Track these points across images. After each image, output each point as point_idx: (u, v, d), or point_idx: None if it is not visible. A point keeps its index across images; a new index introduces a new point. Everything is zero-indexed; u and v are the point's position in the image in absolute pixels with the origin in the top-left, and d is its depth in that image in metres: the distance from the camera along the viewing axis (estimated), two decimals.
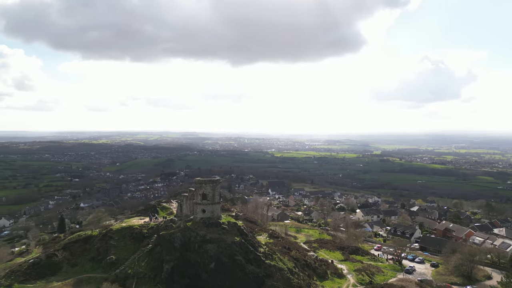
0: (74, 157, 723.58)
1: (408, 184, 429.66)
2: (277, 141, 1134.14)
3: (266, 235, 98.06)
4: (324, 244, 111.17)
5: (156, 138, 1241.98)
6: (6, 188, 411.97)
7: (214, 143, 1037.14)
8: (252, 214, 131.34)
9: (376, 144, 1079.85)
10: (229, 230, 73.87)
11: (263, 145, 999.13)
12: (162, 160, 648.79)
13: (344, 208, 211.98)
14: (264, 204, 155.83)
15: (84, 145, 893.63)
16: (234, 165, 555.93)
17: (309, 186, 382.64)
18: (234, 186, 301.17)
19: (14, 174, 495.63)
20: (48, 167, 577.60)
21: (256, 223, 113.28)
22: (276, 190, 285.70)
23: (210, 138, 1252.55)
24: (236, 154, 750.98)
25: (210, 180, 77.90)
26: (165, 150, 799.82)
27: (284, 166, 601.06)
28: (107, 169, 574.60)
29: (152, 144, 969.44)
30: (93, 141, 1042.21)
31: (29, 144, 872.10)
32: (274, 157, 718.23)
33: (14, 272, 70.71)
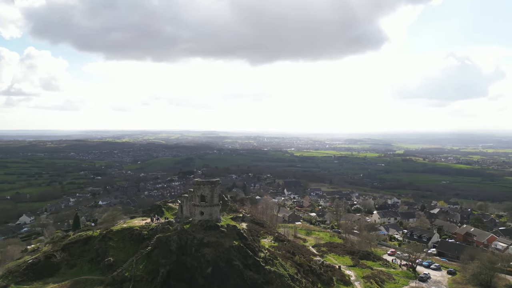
0: (98, 155, 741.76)
1: (431, 184, 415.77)
2: (296, 140, 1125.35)
3: (272, 238, 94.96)
4: (333, 248, 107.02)
5: (177, 137, 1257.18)
6: (32, 185, 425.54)
7: (233, 142, 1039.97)
8: (261, 215, 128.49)
9: (398, 144, 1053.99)
10: (228, 233, 71.28)
11: (282, 144, 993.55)
12: (182, 158, 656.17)
13: (361, 209, 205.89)
14: (274, 205, 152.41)
15: (107, 144, 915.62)
16: (252, 164, 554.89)
17: (328, 186, 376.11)
18: (250, 186, 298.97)
19: (40, 172, 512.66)
20: (73, 165, 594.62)
21: (263, 225, 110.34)
22: (292, 190, 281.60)
23: (230, 137, 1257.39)
24: (255, 153, 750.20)
25: (209, 181, 75.52)
26: (185, 149, 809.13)
27: (304, 165, 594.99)
28: (128, 167, 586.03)
29: (173, 143, 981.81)
30: (116, 139, 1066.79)
31: (56, 142, 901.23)
32: (294, 156, 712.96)
33: (12, 273, 70.60)
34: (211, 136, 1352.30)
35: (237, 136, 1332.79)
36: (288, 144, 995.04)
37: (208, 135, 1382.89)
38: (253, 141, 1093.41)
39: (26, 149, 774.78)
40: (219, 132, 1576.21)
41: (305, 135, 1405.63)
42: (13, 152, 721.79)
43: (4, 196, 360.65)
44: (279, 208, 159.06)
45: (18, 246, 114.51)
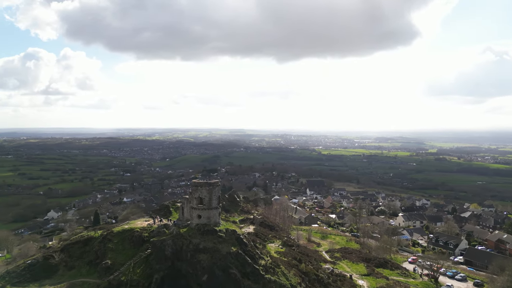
0: (129, 152, 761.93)
1: (465, 185, 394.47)
2: (324, 138, 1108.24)
3: (280, 242, 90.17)
4: (348, 254, 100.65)
5: (206, 135, 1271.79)
6: (65, 181, 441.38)
7: (260, 140, 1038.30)
8: (275, 217, 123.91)
9: (431, 142, 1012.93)
10: (226, 238, 67.40)
11: (310, 142, 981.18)
12: (209, 156, 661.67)
13: (385, 211, 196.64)
14: (290, 206, 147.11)
15: (138, 141, 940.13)
16: (278, 162, 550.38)
17: (354, 185, 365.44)
18: (271, 184, 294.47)
19: (73, 168, 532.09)
20: (105, 162, 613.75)
21: (274, 228, 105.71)
22: (315, 190, 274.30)
23: (257, 135, 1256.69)
24: (281, 151, 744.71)
25: (206, 183, 71.89)
26: (213, 147, 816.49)
27: (331, 164, 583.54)
28: (157, 164, 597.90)
29: (201, 140, 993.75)
30: (147, 137, 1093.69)
31: (90, 140, 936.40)
32: (321, 154, 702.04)
33: (9, 273, 70.37)
34: (239, 134, 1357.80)
35: (264, 134, 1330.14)
36: (315, 142, 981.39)
37: (235, 133, 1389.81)
38: (280, 139, 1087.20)
39: (62, 146, 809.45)
40: (246, 130, 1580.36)
41: (334, 133, 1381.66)
42: (50, 149, 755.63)
43: (38, 191, 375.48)
44: (295, 209, 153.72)
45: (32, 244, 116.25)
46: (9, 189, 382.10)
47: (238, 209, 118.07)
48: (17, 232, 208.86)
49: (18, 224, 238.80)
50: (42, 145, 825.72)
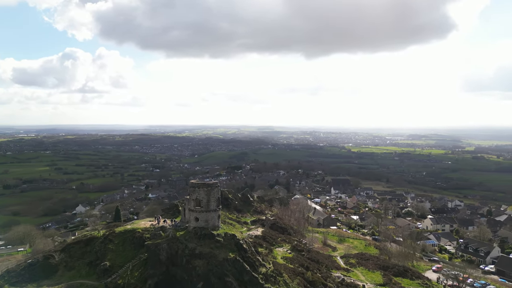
0: (160, 149, 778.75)
1: (504, 185, 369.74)
2: (355, 135, 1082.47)
3: (289, 247, 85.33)
4: (364, 260, 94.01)
5: (234, 131, 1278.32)
6: (97, 176, 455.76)
7: (289, 137, 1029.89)
8: (290, 218, 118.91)
9: (468, 140, 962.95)
10: (224, 243, 63.47)
11: (339, 139, 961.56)
12: (237, 153, 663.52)
13: (412, 213, 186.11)
14: (308, 206, 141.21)
15: (169, 138, 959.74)
16: (305, 159, 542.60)
17: (383, 185, 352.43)
18: (295, 183, 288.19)
19: (106, 164, 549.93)
20: (136, 158, 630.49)
21: (287, 230, 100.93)
22: (339, 189, 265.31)
23: (285, 132, 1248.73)
24: (310, 148, 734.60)
25: (204, 183, 68.04)
26: (241, 144, 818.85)
27: (361, 161, 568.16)
28: (186, 161, 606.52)
29: (230, 137, 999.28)
30: (177, 134, 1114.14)
31: (123, 136, 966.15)
32: (351, 152, 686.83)
33: (9, 273, 70.07)
34: (267, 131, 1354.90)
35: (293, 131, 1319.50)
36: (345, 139, 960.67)
37: (264, 130, 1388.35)
38: (309, 136, 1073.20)
39: (97, 142, 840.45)
40: (275, 127, 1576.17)
41: (364, 130, 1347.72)
42: (86, 145, 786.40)
43: (71, 186, 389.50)
44: (314, 210, 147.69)
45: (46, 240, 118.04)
46: (44, 184, 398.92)
47: (251, 209, 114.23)
48: (45, 226, 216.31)
49: (47, 218, 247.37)
50: (78, 141, 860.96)
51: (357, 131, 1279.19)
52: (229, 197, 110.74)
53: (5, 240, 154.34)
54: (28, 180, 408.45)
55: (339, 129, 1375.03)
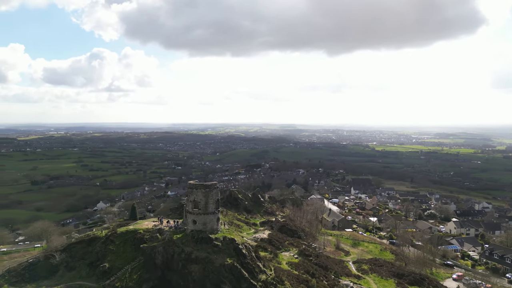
0: (183, 146, 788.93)
1: None
2: (379, 134, 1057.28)
3: (296, 251, 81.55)
4: (378, 266, 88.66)
5: (256, 130, 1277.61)
6: (121, 173, 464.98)
7: (311, 135, 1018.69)
8: (302, 219, 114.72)
9: (499, 139, 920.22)
10: (222, 248, 60.53)
11: (363, 137, 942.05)
12: (258, 151, 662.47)
13: (435, 215, 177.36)
14: (322, 207, 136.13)
15: (192, 136, 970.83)
16: (327, 158, 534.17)
17: (407, 184, 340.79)
18: (314, 182, 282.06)
19: (130, 161, 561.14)
20: (160, 155, 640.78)
21: (297, 232, 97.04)
22: (360, 189, 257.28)
23: (307, 130, 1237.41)
24: (332, 146, 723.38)
25: (202, 184, 65.21)
26: (262, 142, 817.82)
27: (385, 161, 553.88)
28: (207, 158, 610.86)
29: (252, 135, 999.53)
30: (200, 132, 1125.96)
31: (148, 134, 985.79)
32: (374, 150, 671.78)
33: (10, 272, 69.82)
34: (289, 129, 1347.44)
35: (315, 129, 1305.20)
36: (369, 138, 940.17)
37: (286, 128, 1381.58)
38: (332, 134, 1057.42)
39: (123, 140, 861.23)
40: (297, 125, 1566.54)
41: (389, 128, 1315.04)
42: (112, 143, 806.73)
43: (95, 182, 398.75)
44: (329, 211, 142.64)
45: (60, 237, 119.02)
46: (70, 180, 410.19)
47: (261, 210, 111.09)
48: (65, 222, 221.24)
49: (69, 214, 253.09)
50: (105, 138, 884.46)
51: (381, 130, 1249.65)
52: (238, 197, 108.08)
53: (24, 235, 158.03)
54: (55, 176, 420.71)
55: (363, 127, 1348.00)
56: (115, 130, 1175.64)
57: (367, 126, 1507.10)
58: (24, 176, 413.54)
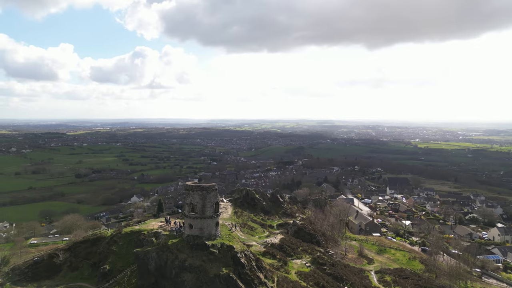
0: (219, 142, 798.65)
1: None
2: (422, 130, 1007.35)
3: (309, 258, 75.25)
4: (403, 278, 79.92)
5: (293, 126, 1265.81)
6: (159, 167, 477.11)
7: (349, 132, 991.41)
8: (324, 222, 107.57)
9: None
10: (219, 256, 55.86)
11: (405, 134, 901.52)
12: (293, 147, 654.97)
13: (478, 220, 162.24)
14: (347, 209, 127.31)
15: (229, 132, 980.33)
16: (366, 155, 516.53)
17: (450, 185, 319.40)
18: (347, 181, 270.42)
19: (168, 156, 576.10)
20: (197, 151, 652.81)
21: (315, 237, 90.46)
22: (396, 189, 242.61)
23: (346, 126, 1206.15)
24: (371, 143, 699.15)
25: (199, 186, 60.59)
26: (298, 138, 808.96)
27: (427, 158, 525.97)
28: (242, 154, 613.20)
29: (288, 131, 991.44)
30: (237, 128, 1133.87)
31: (187, 130, 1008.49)
32: (417, 148, 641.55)
33: (14, 270, 69.75)
34: (326, 125, 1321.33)
35: (354, 125, 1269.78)
36: (412, 134, 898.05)
37: (323, 124, 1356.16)
38: (372, 130, 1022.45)
39: (163, 135, 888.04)
40: (335, 121, 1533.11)
41: (433, 125, 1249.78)
42: (153, 138, 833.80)
43: (133, 176, 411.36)
44: (356, 214, 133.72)
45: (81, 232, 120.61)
46: (111, 174, 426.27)
47: (280, 211, 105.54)
48: (99, 215, 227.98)
49: (104, 207, 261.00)
50: (146, 134, 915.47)
51: (425, 126, 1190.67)
52: (255, 197, 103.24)
53: (56, 228, 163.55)
54: (97, 170, 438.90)
55: (405, 124, 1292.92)
56: (156, 126, 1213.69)
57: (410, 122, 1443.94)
58: (70, 169, 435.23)
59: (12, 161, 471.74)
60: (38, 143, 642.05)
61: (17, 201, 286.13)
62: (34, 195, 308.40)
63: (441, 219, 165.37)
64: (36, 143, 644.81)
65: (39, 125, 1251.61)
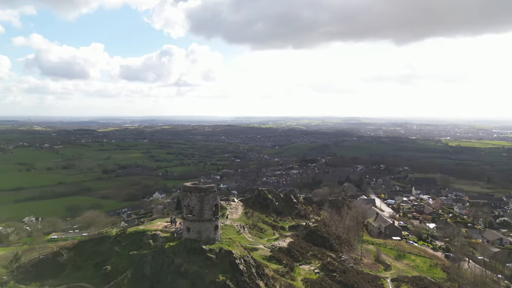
0: (244, 139, 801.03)
1: None
2: (454, 128, 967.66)
3: (319, 264, 71.30)
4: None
5: (318, 123, 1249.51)
6: (183, 164, 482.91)
7: (377, 129, 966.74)
8: (340, 224, 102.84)
9: None
10: (216, 262, 53.05)
11: (435, 132, 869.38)
12: (318, 145, 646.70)
13: (510, 224, 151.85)
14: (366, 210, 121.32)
15: (253, 129, 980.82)
16: (393, 154, 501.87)
17: (481, 185, 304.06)
18: (371, 180, 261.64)
19: (193, 153, 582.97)
20: (221, 148, 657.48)
21: (328, 240, 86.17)
22: (422, 189, 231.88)
23: (373, 124, 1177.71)
24: (399, 141, 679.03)
25: (197, 187, 57.67)
26: (323, 135, 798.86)
27: (458, 157, 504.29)
28: (266, 152, 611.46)
29: (313, 129, 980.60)
30: (261, 125, 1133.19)
31: (212, 127, 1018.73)
32: (448, 146, 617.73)
33: (19, 268, 69.95)
34: (353, 122, 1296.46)
35: (381, 122, 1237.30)
36: (442, 132, 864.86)
37: (349, 122, 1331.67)
38: (400, 128, 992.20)
39: (189, 133, 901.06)
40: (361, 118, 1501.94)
41: (466, 122, 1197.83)
42: (179, 135, 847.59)
43: (158, 172, 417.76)
44: (376, 216, 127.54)
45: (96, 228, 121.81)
46: (136, 170, 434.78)
47: (293, 212, 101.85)
48: (121, 211, 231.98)
49: (127, 203, 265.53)
50: (173, 131, 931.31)
51: (457, 123, 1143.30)
52: (268, 197, 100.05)
53: (76, 223, 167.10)
54: (124, 166, 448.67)
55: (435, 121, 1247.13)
56: (182, 123, 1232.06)
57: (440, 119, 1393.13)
58: (98, 165, 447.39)
59: (45, 157, 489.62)
60: (70, 140, 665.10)
61: (46, 195, 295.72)
62: (63, 189, 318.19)
63: (469, 222, 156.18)
64: (68, 139, 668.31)
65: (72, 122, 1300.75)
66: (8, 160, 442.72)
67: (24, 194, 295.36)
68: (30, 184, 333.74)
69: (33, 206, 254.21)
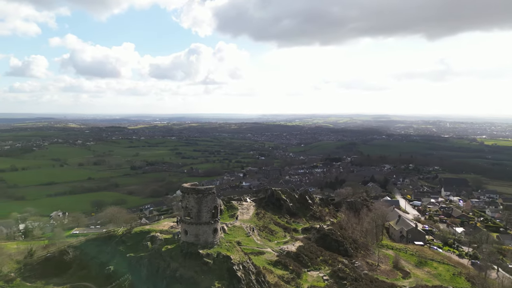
0: (269, 137, 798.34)
1: None
2: (490, 126, 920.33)
3: (329, 271, 67.31)
4: None
5: (346, 120, 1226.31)
6: (208, 161, 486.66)
7: (407, 127, 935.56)
8: (356, 227, 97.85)
9: None
10: (213, 268, 50.33)
11: (470, 130, 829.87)
12: (345, 143, 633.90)
13: None
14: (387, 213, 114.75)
15: (279, 127, 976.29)
16: (424, 152, 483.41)
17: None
18: (397, 180, 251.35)
19: (219, 150, 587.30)
20: (247, 145, 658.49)
21: (343, 244, 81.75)
22: (452, 190, 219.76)
23: (403, 122, 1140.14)
24: (431, 140, 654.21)
25: (195, 189, 55.21)
26: (351, 133, 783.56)
27: (495, 157, 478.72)
28: (291, 150, 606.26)
29: (341, 127, 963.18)
30: (287, 123, 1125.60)
31: (238, 124, 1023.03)
32: (483, 145, 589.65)
33: (26, 265, 70.38)
34: (382, 120, 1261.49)
35: (412, 120, 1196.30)
36: (478, 130, 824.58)
37: (379, 119, 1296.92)
38: (432, 126, 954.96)
39: (215, 130, 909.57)
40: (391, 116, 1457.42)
41: (503, 120, 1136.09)
42: (206, 132, 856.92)
43: (183, 169, 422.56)
44: (398, 219, 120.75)
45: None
46: (163, 166, 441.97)
47: (308, 214, 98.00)
48: (144, 207, 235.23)
49: (151, 200, 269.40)
50: (200, 128, 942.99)
51: (493, 121, 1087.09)
52: (281, 198, 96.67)
53: (100, 219, 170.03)
54: (151, 162, 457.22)
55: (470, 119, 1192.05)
56: (209, 121, 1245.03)
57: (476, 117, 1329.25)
58: (127, 161, 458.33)
59: (77, 153, 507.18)
60: (101, 136, 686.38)
61: (75, 190, 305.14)
62: (92, 185, 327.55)
63: (501, 227, 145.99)
64: (99, 136, 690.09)
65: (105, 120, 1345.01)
66: (43, 156, 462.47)
67: (55, 189, 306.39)
68: (62, 179, 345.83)
69: (62, 201, 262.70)
